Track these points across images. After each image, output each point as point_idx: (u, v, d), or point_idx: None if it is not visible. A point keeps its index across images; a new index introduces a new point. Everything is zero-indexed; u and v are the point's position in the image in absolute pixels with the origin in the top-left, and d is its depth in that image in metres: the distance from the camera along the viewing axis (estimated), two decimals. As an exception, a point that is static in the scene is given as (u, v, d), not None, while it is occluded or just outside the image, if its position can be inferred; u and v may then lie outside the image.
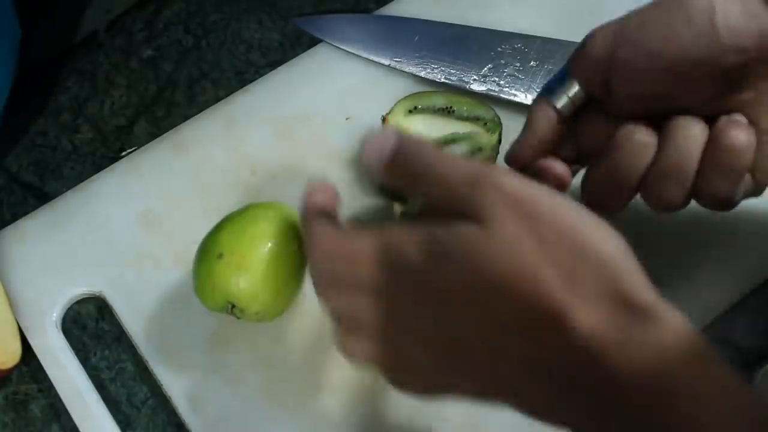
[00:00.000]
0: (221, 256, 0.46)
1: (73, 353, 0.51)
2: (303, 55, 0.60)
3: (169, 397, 0.50)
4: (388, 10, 0.62)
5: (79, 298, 0.53)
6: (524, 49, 0.58)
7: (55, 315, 0.52)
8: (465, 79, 0.58)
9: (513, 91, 0.57)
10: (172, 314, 0.52)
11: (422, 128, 0.53)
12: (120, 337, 0.52)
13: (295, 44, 0.62)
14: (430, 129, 0.53)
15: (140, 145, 0.58)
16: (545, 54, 0.58)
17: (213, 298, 0.47)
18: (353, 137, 0.57)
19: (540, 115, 0.46)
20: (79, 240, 0.54)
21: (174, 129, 0.58)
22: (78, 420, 0.49)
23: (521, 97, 0.57)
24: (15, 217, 0.56)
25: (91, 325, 0.53)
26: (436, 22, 0.60)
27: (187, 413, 0.49)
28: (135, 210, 0.55)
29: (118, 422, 0.50)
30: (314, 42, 0.61)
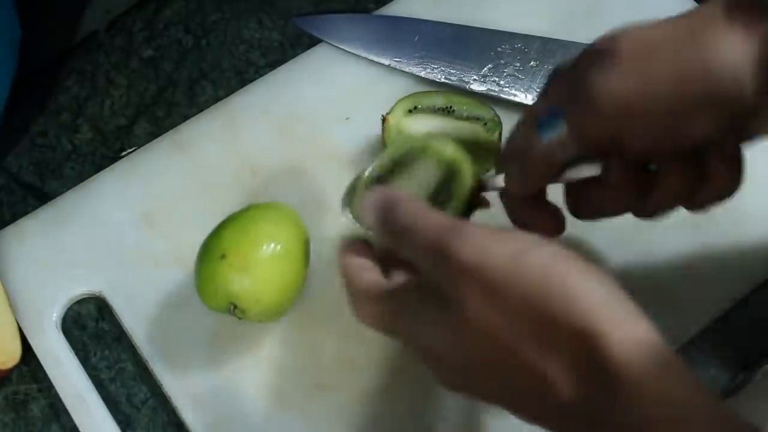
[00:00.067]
0: (224, 256, 0.46)
1: (73, 353, 0.51)
2: (303, 55, 0.60)
3: (169, 397, 0.50)
4: (388, 10, 0.62)
5: (79, 298, 0.53)
6: (524, 49, 0.58)
7: (55, 315, 0.52)
8: (465, 79, 0.58)
9: (513, 91, 0.57)
10: (173, 314, 0.52)
11: (422, 128, 0.53)
12: (120, 337, 0.52)
13: (295, 44, 0.62)
14: (430, 129, 0.53)
15: (140, 145, 0.58)
16: (545, 54, 0.58)
17: (215, 299, 0.47)
18: (353, 137, 0.57)
19: (534, 160, 0.42)
20: (79, 240, 0.54)
21: (174, 129, 0.58)
22: (78, 420, 0.49)
23: (521, 97, 0.57)
24: (15, 217, 0.56)
25: (91, 325, 0.53)
26: (436, 22, 0.60)
27: (187, 413, 0.49)
28: (135, 210, 0.55)
29: (118, 422, 0.50)
30: (314, 42, 0.61)
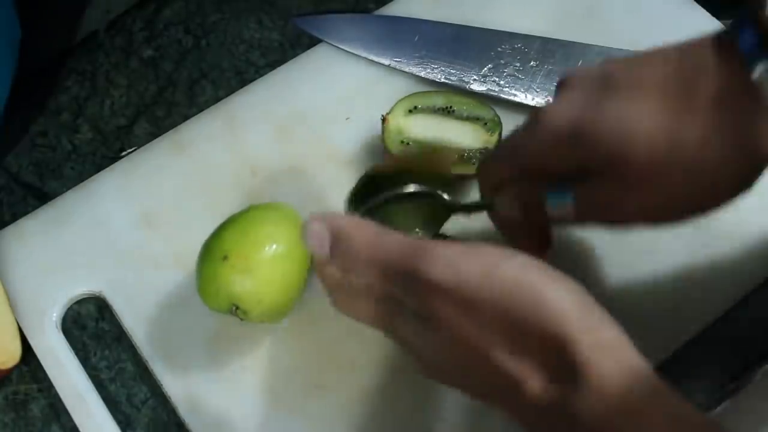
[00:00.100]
0: (226, 258, 0.46)
1: (73, 353, 0.51)
2: (303, 55, 0.60)
3: (169, 397, 0.50)
4: (388, 10, 0.62)
5: (79, 298, 0.53)
6: (524, 49, 0.58)
7: (55, 315, 0.52)
8: (465, 79, 0.58)
9: (513, 91, 0.57)
10: (173, 314, 0.52)
11: (422, 128, 0.53)
12: (120, 337, 0.52)
13: (295, 44, 0.62)
14: (430, 129, 0.53)
15: (140, 145, 0.58)
16: (545, 54, 0.58)
17: (217, 300, 0.47)
18: (353, 137, 0.57)
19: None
20: (79, 240, 0.54)
21: (174, 129, 0.58)
22: (78, 420, 0.49)
23: (521, 97, 0.57)
24: (15, 217, 0.56)
25: (91, 325, 0.53)
26: (436, 22, 0.60)
27: (187, 413, 0.49)
28: (135, 210, 0.55)
29: (118, 422, 0.50)
30: (314, 42, 0.61)
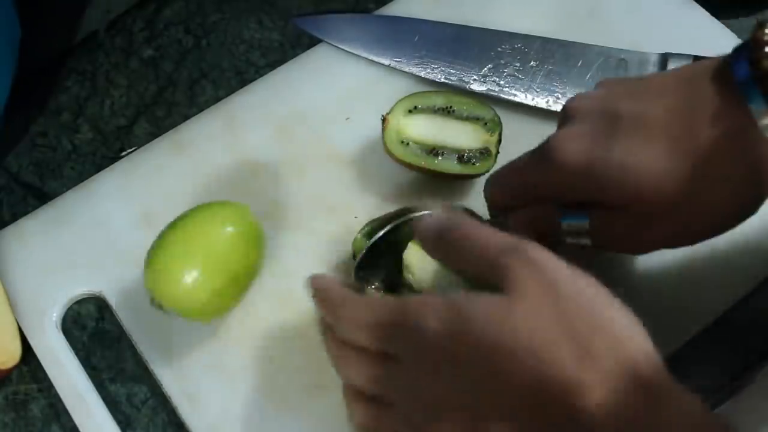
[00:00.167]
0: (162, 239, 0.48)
1: (73, 353, 0.51)
2: (303, 55, 0.60)
3: (169, 397, 0.50)
4: (388, 10, 0.62)
5: (79, 298, 0.53)
6: (524, 49, 0.58)
7: (55, 315, 0.52)
8: (465, 79, 0.58)
9: (513, 91, 0.57)
10: (172, 314, 0.51)
11: (422, 128, 0.53)
12: (120, 337, 0.52)
13: (295, 44, 0.62)
14: (430, 129, 0.53)
15: (140, 145, 0.58)
16: (545, 54, 0.58)
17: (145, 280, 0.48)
18: (353, 137, 0.57)
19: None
20: (79, 240, 0.54)
21: (174, 129, 0.58)
22: (78, 420, 0.49)
23: (521, 97, 0.57)
24: (15, 217, 0.56)
25: (91, 325, 0.53)
26: (436, 22, 0.60)
27: (187, 413, 0.49)
28: (135, 210, 0.55)
29: (118, 422, 0.50)
30: (314, 42, 0.61)
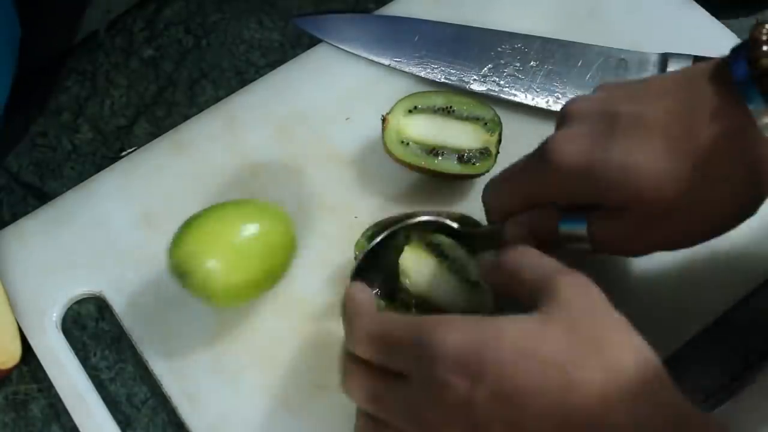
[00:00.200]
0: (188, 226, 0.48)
1: (73, 353, 0.51)
2: (303, 55, 0.60)
3: (169, 397, 0.50)
4: (388, 10, 0.62)
5: (79, 298, 0.53)
6: (524, 49, 0.58)
7: (55, 315, 0.52)
8: (465, 79, 0.58)
9: (513, 91, 0.57)
10: (173, 314, 0.52)
11: (422, 128, 0.53)
12: (120, 337, 0.52)
13: (295, 44, 0.62)
14: (430, 129, 0.53)
15: (140, 145, 0.58)
16: (545, 54, 0.58)
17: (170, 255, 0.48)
18: (353, 137, 0.57)
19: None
20: (79, 240, 0.54)
21: (174, 129, 0.58)
22: (78, 420, 0.49)
23: (521, 97, 0.57)
24: (15, 217, 0.56)
25: (91, 325, 0.53)
26: (436, 22, 0.60)
27: (187, 413, 0.49)
28: (135, 210, 0.55)
29: (118, 422, 0.50)
30: (314, 42, 0.61)
